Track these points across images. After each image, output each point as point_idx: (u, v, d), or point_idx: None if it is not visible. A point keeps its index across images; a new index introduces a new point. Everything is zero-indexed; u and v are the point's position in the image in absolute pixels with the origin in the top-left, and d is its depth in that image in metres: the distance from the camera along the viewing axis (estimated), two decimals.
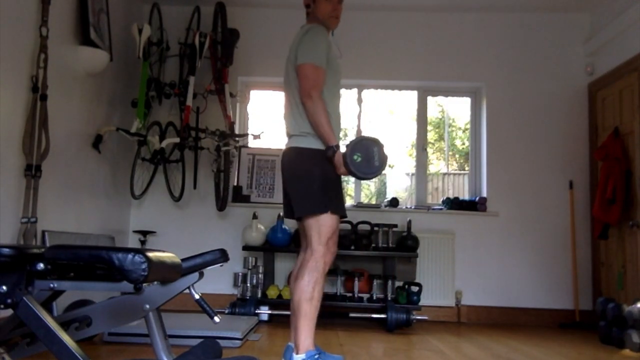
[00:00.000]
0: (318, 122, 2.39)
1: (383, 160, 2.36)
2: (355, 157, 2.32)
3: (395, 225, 4.45)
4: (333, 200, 2.45)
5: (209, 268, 2.05)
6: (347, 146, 2.36)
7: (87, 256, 1.53)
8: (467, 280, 4.64)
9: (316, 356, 2.35)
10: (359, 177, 2.42)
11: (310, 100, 2.39)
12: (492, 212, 4.70)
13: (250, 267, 4.32)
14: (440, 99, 6.75)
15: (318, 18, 2.59)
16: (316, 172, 2.43)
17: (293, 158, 2.50)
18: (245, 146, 4.83)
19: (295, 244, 4.23)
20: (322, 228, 2.40)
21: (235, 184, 4.77)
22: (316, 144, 2.45)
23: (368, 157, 2.34)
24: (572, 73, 4.84)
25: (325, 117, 2.39)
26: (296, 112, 2.51)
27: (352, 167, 2.33)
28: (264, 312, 4.08)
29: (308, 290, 2.35)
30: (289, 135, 2.57)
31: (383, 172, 2.44)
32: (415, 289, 4.27)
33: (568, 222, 4.67)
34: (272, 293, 4.18)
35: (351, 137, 5.08)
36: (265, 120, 5.21)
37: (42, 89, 3.07)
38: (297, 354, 2.35)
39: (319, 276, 2.38)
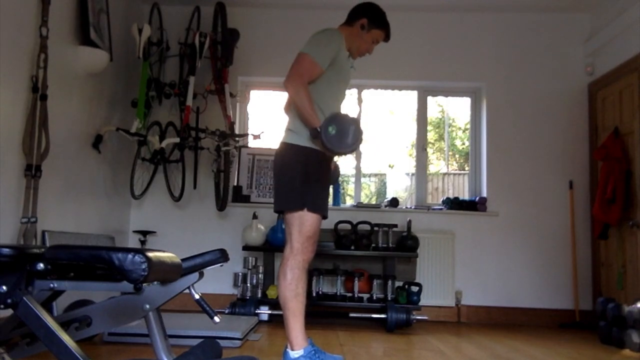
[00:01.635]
0: (300, 107, 2.39)
1: (357, 138, 2.35)
2: (330, 128, 2.32)
3: (395, 225, 4.45)
4: (314, 199, 2.46)
5: (209, 268, 2.05)
6: (325, 120, 2.37)
7: (87, 256, 1.53)
8: (467, 280, 4.64)
9: (313, 352, 2.39)
10: (331, 151, 2.39)
11: (290, 85, 2.39)
12: (492, 212, 4.71)
13: (250, 267, 4.33)
14: (440, 99, 6.76)
15: (353, 38, 2.65)
16: (299, 168, 2.46)
17: (280, 153, 2.55)
18: (245, 146, 4.83)
19: None
20: (302, 226, 2.43)
21: (235, 184, 4.77)
22: (303, 141, 2.48)
23: (342, 133, 2.33)
24: (572, 73, 4.84)
25: (307, 100, 2.38)
26: (293, 108, 2.54)
27: (324, 138, 2.32)
28: (264, 312, 4.08)
29: (292, 288, 2.39)
30: (284, 131, 2.61)
31: (356, 150, 2.41)
32: (415, 289, 4.27)
33: (568, 222, 4.67)
34: (272, 293, 4.18)
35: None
36: (265, 120, 5.21)
37: (42, 89, 3.07)
38: (292, 350, 2.39)
39: (300, 273, 2.41)
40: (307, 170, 2.46)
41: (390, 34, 2.79)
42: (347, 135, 2.34)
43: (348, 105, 5.03)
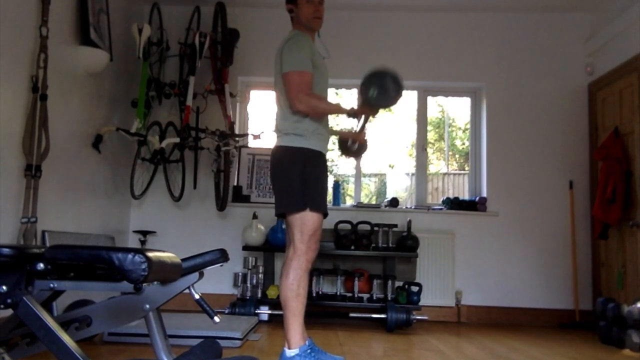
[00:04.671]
0: (321, 111, 2.50)
1: (399, 85, 2.42)
2: (371, 92, 2.40)
3: (395, 225, 4.45)
4: (315, 198, 2.48)
5: (209, 268, 2.05)
6: (361, 87, 2.45)
7: (87, 256, 1.53)
8: (467, 280, 4.64)
9: (308, 350, 2.42)
10: (382, 108, 2.50)
11: (300, 103, 2.46)
12: (492, 212, 4.70)
13: (250, 267, 4.32)
14: (440, 99, 6.76)
15: (301, 21, 2.64)
16: (296, 170, 2.49)
17: (276, 156, 2.58)
18: (245, 146, 4.83)
19: None
20: (303, 226, 2.46)
21: (235, 184, 4.77)
22: (298, 142, 2.51)
23: (383, 88, 2.40)
24: (572, 73, 4.84)
25: (322, 103, 2.50)
26: (280, 113, 2.60)
27: (372, 105, 2.44)
28: (264, 312, 4.08)
29: (293, 289, 2.43)
30: (276, 134, 2.64)
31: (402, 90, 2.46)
32: (415, 289, 4.27)
33: (568, 222, 4.67)
34: (272, 293, 4.18)
35: None
36: (265, 120, 5.21)
37: (42, 89, 3.07)
38: (289, 348, 2.43)
39: (302, 273, 2.45)
40: (305, 170, 2.48)
41: None
42: (388, 89, 2.41)
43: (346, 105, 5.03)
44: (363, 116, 2.58)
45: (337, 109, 2.54)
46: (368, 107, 2.49)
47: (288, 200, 2.49)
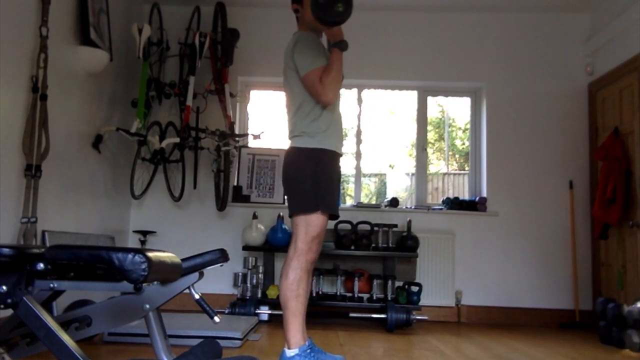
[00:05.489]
0: (336, 73, 2.48)
1: None
2: (338, 7, 2.38)
3: (395, 225, 4.45)
4: (326, 200, 2.48)
5: (209, 268, 2.05)
6: (321, 13, 2.41)
7: (87, 256, 1.53)
8: (467, 280, 4.64)
9: (308, 350, 2.42)
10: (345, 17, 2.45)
11: (325, 94, 2.45)
12: (492, 212, 4.70)
13: (250, 267, 4.33)
14: (440, 99, 6.75)
15: (307, 22, 2.63)
16: (308, 171, 2.48)
17: (289, 157, 2.56)
18: (245, 146, 4.83)
19: None
20: (309, 227, 2.45)
21: (235, 184, 4.77)
22: (311, 143, 2.50)
23: (346, 2, 2.40)
24: (572, 73, 4.84)
25: (329, 70, 2.47)
26: (293, 114, 2.57)
27: (343, 19, 2.42)
28: (264, 312, 4.08)
29: (293, 289, 2.42)
30: (289, 136, 2.62)
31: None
32: (415, 289, 4.27)
33: (568, 222, 4.67)
34: (272, 293, 4.18)
35: (351, 137, 5.07)
36: (265, 120, 5.21)
37: (42, 89, 3.07)
38: (288, 348, 2.42)
39: (302, 274, 2.44)
40: (318, 171, 2.47)
41: None
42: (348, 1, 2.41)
43: (347, 105, 5.03)
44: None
45: (335, 56, 2.51)
46: (339, 23, 2.47)
47: (300, 201, 2.49)
